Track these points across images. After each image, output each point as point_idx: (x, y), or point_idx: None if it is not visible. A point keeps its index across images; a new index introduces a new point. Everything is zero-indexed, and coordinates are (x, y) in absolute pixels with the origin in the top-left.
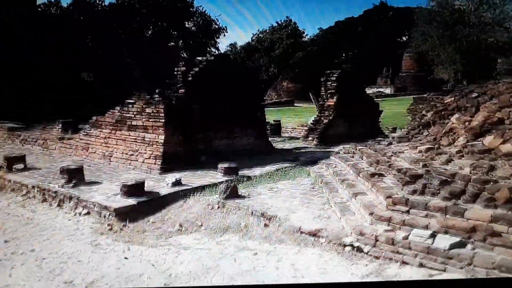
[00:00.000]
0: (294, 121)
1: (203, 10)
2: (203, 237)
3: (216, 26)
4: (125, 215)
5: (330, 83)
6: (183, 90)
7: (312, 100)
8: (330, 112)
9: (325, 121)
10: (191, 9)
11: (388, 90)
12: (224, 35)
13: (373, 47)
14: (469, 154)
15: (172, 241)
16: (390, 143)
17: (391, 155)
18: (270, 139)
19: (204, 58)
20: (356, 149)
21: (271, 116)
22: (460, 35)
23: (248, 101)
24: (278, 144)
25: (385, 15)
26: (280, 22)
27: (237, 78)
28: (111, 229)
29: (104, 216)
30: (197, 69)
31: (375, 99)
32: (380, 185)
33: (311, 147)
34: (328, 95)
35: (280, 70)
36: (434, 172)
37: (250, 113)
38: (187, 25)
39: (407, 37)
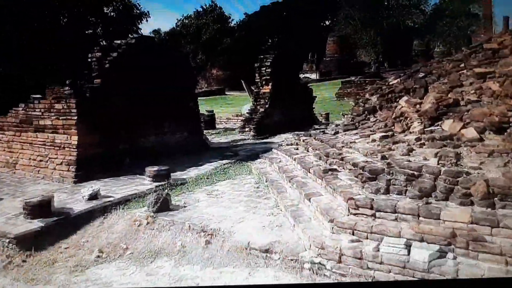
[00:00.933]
0: (228, 111)
1: None
2: (129, 265)
3: (138, 11)
4: (29, 242)
5: (264, 68)
6: (99, 80)
7: (245, 88)
8: (266, 100)
9: (261, 110)
10: None
11: (313, 76)
12: (147, 20)
13: (298, 32)
14: (430, 141)
15: (90, 273)
16: (337, 132)
17: (342, 146)
18: (204, 132)
19: (124, 41)
20: (300, 140)
21: (202, 106)
22: (381, 17)
23: (179, 91)
24: (214, 137)
25: None
26: (205, 7)
27: (165, 64)
28: (10, 262)
29: (2, 246)
30: (115, 54)
31: None
32: (337, 183)
33: (249, 139)
34: (263, 82)
35: (209, 57)
36: (396, 166)
37: (182, 104)
38: (106, 11)
39: (330, 21)
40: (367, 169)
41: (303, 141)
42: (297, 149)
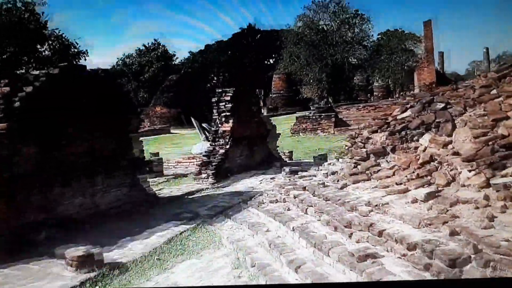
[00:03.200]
0: (176, 153)
1: (59, 33)
2: None
3: (75, 50)
4: None
5: (223, 104)
6: (4, 125)
7: (195, 126)
8: (227, 140)
9: (221, 151)
10: (44, 31)
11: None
12: (85, 59)
13: (243, 70)
14: None
15: None
16: (345, 185)
17: (370, 210)
18: (150, 181)
19: (43, 72)
20: (289, 194)
21: (146, 148)
22: (326, 54)
23: (118, 132)
24: (163, 188)
25: (253, 38)
26: (148, 45)
27: (101, 100)
28: None
29: None
30: (30, 89)
31: None
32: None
33: (207, 188)
34: (223, 119)
35: (152, 95)
36: (491, 251)
37: (121, 149)
38: (40, 49)
39: (274, 59)
40: (441, 257)
41: (295, 197)
42: (288, 209)
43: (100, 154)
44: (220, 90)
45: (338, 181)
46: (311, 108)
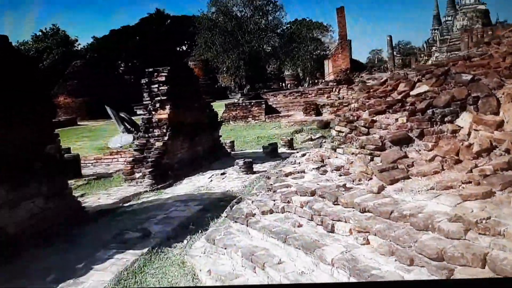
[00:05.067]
0: (90, 147)
1: None
2: None
3: None
4: None
5: (157, 86)
6: None
7: (111, 116)
8: (164, 131)
9: (158, 144)
10: None
11: None
12: None
13: (153, 57)
14: None
15: None
16: (382, 187)
17: (466, 230)
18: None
19: None
20: (290, 201)
21: None
22: (242, 41)
23: (27, 124)
24: (86, 195)
25: (162, 23)
26: (45, 30)
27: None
28: None
29: None
30: None
31: None
32: None
33: (147, 191)
34: (157, 105)
35: (53, 84)
36: None
37: (32, 147)
38: None
39: (187, 45)
40: None
41: (302, 205)
42: (299, 224)
43: (2, 156)
44: (151, 70)
45: (357, 180)
46: (229, 97)
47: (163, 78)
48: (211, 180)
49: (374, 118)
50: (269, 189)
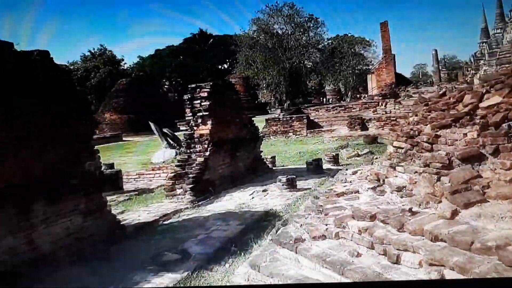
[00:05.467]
0: (133, 162)
1: None
2: None
3: None
4: None
5: (199, 101)
6: None
7: (155, 131)
8: (205, 146)
9: (200, 159)
10: None
11: None
12: None
13: (196, 75)
14: None
15: None
16: (456, 212)
17: None
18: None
19: None
20: (345, 226)
21: None
22: (283, 58)
23: (66, 141)
24: (125, 211)
25: (205, 43)
26: (93, 51)
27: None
28: None
29: None
30: None
31: None
32: None
33: (187, 208)
34: (198, 120)
35: (100, 102)
36: None
37: (70, 163)
38: None
39: (228, 63)
40: None
41: (360, 231)
42: (357, 253)
43: (41, 173)
44: (193, 86)
45: (424, 203)
46: (269, 112)
47: (205, 94)
48: (252, 197)
49: (438, 133)
50: (319, 211)
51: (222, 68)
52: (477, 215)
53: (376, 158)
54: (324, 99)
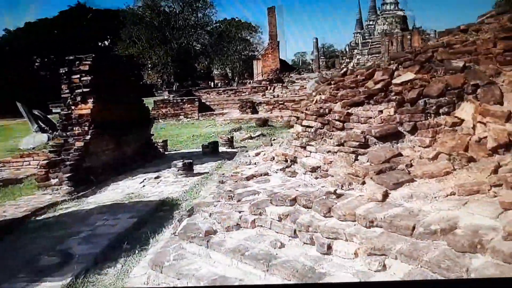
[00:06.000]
0: (0, 149)
1: None
2: None
3: None
4: None
5: (79, 76)
6: None
7: (23, 113)
8: (86, 128)
9: (78, 144)
10: None
11: None
12: None
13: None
14: None
15: None
16: (386, 194)
17: None
18: None
19: None
20: (261, 213)
21: None
22: (170, 37)
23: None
24: None
25: (84, 17)
26: None
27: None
28: None
29: None
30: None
31: None
32: None
33: (65, 200)
34: (78, 98)
35: None
36: None
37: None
38: None
39: (110, 40)
40: None
41: (281, 218)
42: (281, 244)
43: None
44: (72, 58)
45: (347, 184)
46: (155, 94)
47: (87, 67)
48: (143, 185)
49: (350, 111)
50: (230, 197)
51: (103, 45)
52: (408, 196)
53: (274, 139)
54: (212, 83)
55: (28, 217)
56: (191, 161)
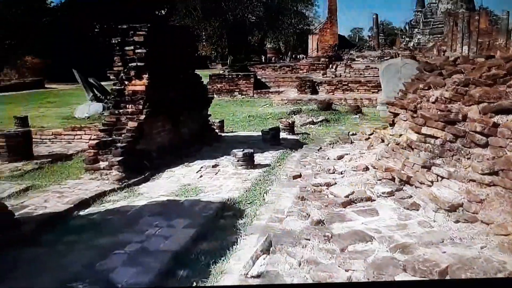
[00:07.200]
0: (52, 115)
1: None
2: None
3: None
4: None
5: (132, 48)
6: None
7: (79, 81)
8: (140, 107)
9: (132, 124)
10: None
11: None
12: None
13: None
14: None
15: None
16: None
17: None
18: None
19: None
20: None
21: (7, 107)
22: (226, 9)
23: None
24: (31, 189)
25: None
26: None
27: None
28: None
29: None
30: None
31: None
32: None
33: (115, 190)
34: (131, 73)
35: (20, 42)
36: None
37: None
38: None
39: (167, 10)
40: None
41: None
42: None
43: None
44: (125, 27)
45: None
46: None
47: (141, 38)
48: (200, 176)
49: (495, 120)
50: (326, 238)
51: (160, 14)
52: None
53: (353, 134)
54: (264, 58)
55: (71, 212)
56: (252, 151)
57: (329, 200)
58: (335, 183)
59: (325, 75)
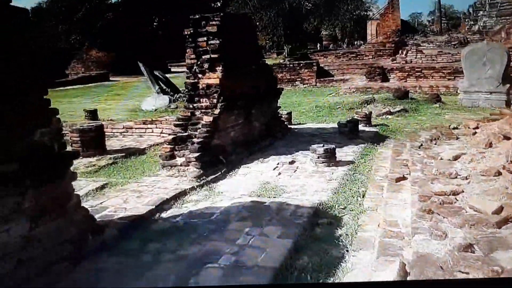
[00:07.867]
0: (119, 108)
1: None
2: None
3: None
4: None
5: (205, 39)
6: None
7: (144, 73)
8: (215, 101)
9: (207, 119)
10: None
11: None
12: None
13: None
14: None
15: None
16: None
17: None
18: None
19: None
20: None
21: (76, 100)
22: None
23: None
24: (107, 186)
25: None
26: None
27: None
28: None
29: None
30: None
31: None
32: None
33: (194, 188)
34: (205, 66)
35: (86, 37)
36: None
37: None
38: None
39: (221, 1)
40: None
41: None
42: None
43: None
44: (197, 17)
45: None
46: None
47: (215, 29)
48: (278, 173)
49: None
50: (496, 274)
51: (215, 6)
52: None
53: (454, 128)
54: (319, 45)
55: (153, 214)
56: (334, 147)
57: (472, 216)
58: (462, 191)
59: (394, 61)
